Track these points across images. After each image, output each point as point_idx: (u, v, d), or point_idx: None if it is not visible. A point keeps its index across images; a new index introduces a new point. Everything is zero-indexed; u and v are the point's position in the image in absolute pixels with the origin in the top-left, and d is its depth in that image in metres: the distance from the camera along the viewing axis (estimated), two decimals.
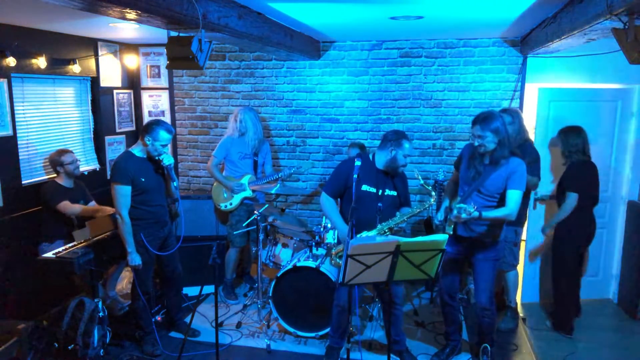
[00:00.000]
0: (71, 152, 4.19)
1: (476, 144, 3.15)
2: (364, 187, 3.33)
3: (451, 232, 3.31)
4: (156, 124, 3.53)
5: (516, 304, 4.28)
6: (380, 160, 3.36)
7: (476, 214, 2.96)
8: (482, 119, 3.10)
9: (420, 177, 3.36)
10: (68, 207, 3.99)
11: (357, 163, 3.19)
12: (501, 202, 3.19)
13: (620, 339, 4.11)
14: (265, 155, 4.80)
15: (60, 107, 4.63)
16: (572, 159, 3.95)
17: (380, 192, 3.35)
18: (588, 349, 3.90)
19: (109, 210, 4.05)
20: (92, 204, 4.30)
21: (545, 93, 4.39)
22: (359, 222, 3.24)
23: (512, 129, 3.84)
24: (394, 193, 3.41)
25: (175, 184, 3.63)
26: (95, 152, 5.07)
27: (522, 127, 3.95)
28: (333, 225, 3.61)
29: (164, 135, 3.50)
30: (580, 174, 3.92)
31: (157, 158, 3.55)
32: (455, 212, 2.97)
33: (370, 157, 3.44)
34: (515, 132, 3.82)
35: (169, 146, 3.87)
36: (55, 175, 4.15)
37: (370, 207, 3.30)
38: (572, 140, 3.95)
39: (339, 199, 3.51)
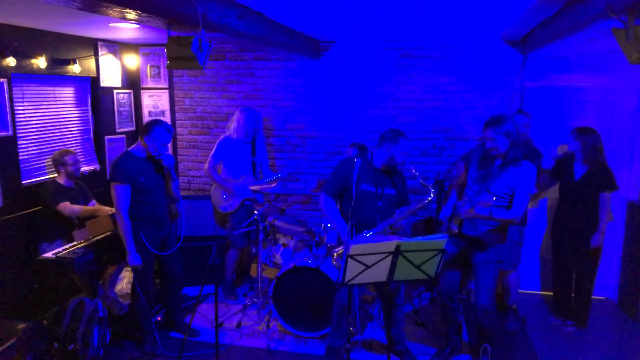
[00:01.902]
0: (75, 153, 4.20)
1: (488, 146, 3.16)
2: (364, 187, 3.33)
3: (456, 230, 3.31)
4: (155, 123, 3.54)
5: (517, 304, 4.28)
6: (379, 158, 3.36)
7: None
8: (494, 122, 3.12)
9: (417, 175, 3.35)
10: (68, 207, 4.00)
11: (356, 163, 3.19)
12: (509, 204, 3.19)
13: (620, 339, 4.11)
14: (262, 156, 4.79)
15: (60, 107, 4.63)
16: (599, 157, 3.91)
17: (379, 191, 3.35)
18: (588, 349, 3.90)
19: (108, 210, 4.05)
20: (93, 204, 4.30)
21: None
22: (359, 221, 3.25)
23: (526, 130, 3.86)
24: (393, 192, 3.41)
25: (176, 183, 3.62)
26: (95, 152, 5.07)
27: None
28: (333, 225, 3.61)
29: (163, 135, 3.50)
30: (611, 172, 3.95)
31: (157, 158, 3.55)
32: (468, 206, 2.95)
33: (369, 156, 3.44)
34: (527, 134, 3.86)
35: (169, 146, 3.87)
36: (55, 174, 4.16)
37: (370, 206, 3.30)
38: (595, 140, 3.90)
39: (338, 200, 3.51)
